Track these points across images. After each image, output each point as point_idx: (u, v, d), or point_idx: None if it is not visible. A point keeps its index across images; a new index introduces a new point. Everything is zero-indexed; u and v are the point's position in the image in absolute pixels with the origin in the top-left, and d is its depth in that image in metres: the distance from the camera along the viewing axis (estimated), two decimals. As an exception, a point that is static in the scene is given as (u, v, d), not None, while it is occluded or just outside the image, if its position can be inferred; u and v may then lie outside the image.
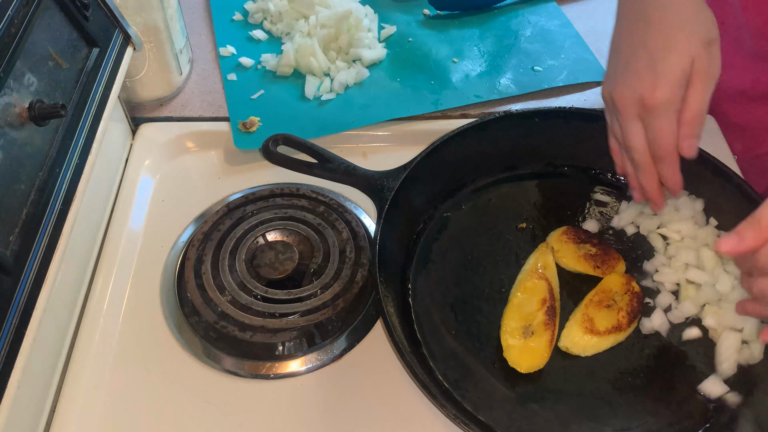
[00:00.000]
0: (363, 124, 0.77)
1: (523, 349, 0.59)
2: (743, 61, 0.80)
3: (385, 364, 0.60)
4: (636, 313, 0.61)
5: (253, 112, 0.78)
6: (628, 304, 0.61)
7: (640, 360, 0.60)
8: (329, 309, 0.62)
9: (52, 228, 0.51)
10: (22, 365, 0.46)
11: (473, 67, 0.86)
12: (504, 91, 0.82)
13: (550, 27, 0.92)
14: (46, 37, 0.54)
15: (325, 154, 0.68)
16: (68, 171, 0.54)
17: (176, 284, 0.65)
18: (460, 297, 0.64)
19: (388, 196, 0.64)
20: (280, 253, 0.66)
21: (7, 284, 0.46)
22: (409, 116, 0.79)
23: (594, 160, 0.74)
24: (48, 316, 0.51)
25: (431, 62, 0.86)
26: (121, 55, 0.65)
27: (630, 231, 0.69)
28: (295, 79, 0.83)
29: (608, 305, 0.61)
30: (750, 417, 0.56)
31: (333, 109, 0.80)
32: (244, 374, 0.59)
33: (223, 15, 0.93)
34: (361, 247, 0.66)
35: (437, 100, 0.81)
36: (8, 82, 0.48)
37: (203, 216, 0.71)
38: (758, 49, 0.77)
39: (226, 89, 0.82)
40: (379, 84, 0.83)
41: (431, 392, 0.52)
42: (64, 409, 0.56)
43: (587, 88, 0.84)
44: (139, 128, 0.78)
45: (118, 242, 0.68)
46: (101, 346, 0.61)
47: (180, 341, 0.61)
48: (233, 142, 0.75)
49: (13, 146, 0.48)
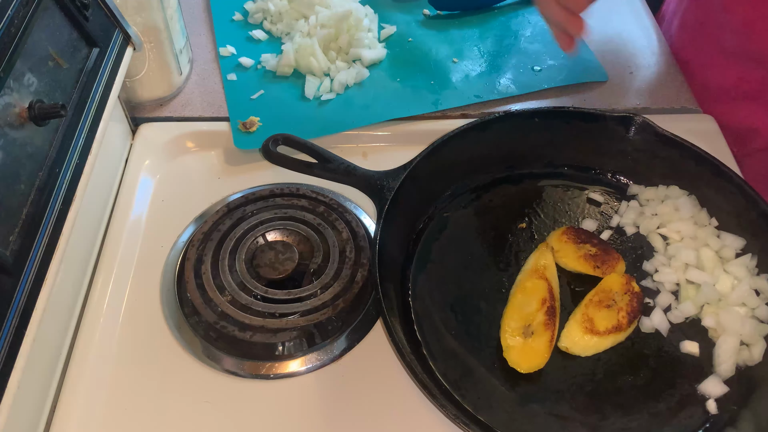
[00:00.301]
0: (363, 124, 0.77)
1: (523, 349, 0.59)
2: (725, 61, 0.80)
3: (385, 364, 0.60)
4: (636, 313, 0.61)
5: (253, 112, 0.78)
6: (628, 304, 0.61)
7: (640, 360, 0.60)
8: (329, 309, 0.62)
9: (52, 228, 0.51)
10: (22, 365, 0.46)
11: (473, 67, 0.86)
12: (504, 91, 0.82)
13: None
14: (46, 37, 0.54)
15: (325, 154, 0.68)
16: (68, 171, 0.54)
17: (176, 284, 0.65)
18: (460, 297, 0.64)
19: (388, 196, 0.64)
20: (280, 253, 0.65)
21: (7, 284, 0.46)
22: (409, 116, 0.79)
23: (594, 160, 0.74)
24: (48, 316, 0.50)
25: (431, 62, 0.86)
26: (121, 55, 0.65)
27: (630, 231, 0.69)
28: (295, 79, 0.83)
29: (608, 305, 0.61)
30: (750, 417, 0.56)
31: (333, 109, 0.80)
32: (244, 374, 0.59)
33: (223, 15, 0.93)
34: (361, 247, 0.66)
35: (437, 100, 0.81)
36: (8, 82, 0.48)
37: (203, 216, 0.71)
38: (740, 49, 0.77)
39: (226, 89, 0.82)
40: (379, 84, 0.83)
41: (431, 392, 0.52)
42: (64, 409, 0.56)
43: (587, 89, 0.84)
44: (139, 128, 0.78)
45: (118, 242, 0.68)
46: (101, 346, 0.61)
47: (180, 341, 0.61)
48: (233, 142, 0.75)
49: (13, 146, 0.48)
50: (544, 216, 0.71)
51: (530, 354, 0.58)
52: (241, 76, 0.84)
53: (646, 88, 0.85)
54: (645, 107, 0.82)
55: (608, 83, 0.85)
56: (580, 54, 0.88)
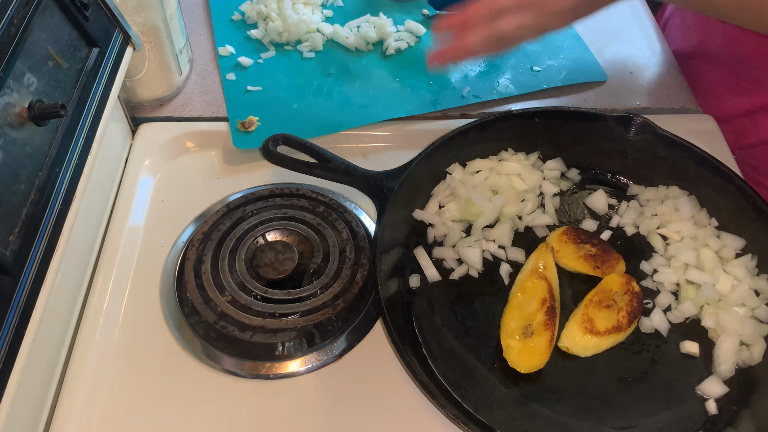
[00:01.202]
0: (362, 124, 0.77)
1: (523, 349, 0.59)
2: (725, 59, 0.80)
3: (385, 364, 0.60)
4: (636, 314, 0.61)
5: (252, 111, 0.78)
6: (627, 304, 0.61)
7: (640, 360, 0.60)
8: (329, 309, 0.62)
9: (51, 228, 0.51)
10: (21, 365, 0.46)
11: (472, 67, 0.86)
12: (503, 91, 0.82)
13: None
14: (45, 37, 0.54)
15: (325, 154, 0.68)
16: (68, 171, 0.54)
17: (176, 284, 0.65)
18: (460, 297, 0.64)
19: (388, 196, 0.64)
20: (280, 253, 0.65)
21: (7, 284, 0.46)
22: (409, 116, 0.79)
23: (594, 160, 0.74)
24: (48, 316, 0.51)
25: None
26: (121, 55, 0.65)
27: (630, 231, 0.69)
28: (294, 78, 0.83)
29: (608, 305, 0.61)
30: (750, 417, 0.56)
31: (332, 108, 0.80)
32: (244, 374, 0.59)
33: (222, 15, 0.93)
34: (361, 247, 0.66)
35: (436, 100, 0.81)
36: (8, 81, 0.48)
37: (203, 216, 0.71)
38: (741, 75, 0.78)
39: (225, 89, 0.82)
40: (378, 84, 0.83)
41: (431, 392, 0.52)
42: (64, 409, 0.56)
43: (587, 88, 0.84)
44: (139, 128, 0.78)
45: (118, 242, 0.68)
46: (101, 346, 0.61)
47: (180, 341, 0.61)
48: (232, 142, 0.75)
49: (13, 146, 0.48)
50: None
51: (530, 354, 0.58)
52: (240, 76, 0.84)
53: (646, 88, 0.85)
54: (645, 107, 0.82)
55: (608, 83, 0.85)
56: (579, 54, 0.88)
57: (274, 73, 0.84)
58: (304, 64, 0.86)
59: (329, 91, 0.82)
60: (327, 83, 0.83)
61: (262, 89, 0.82)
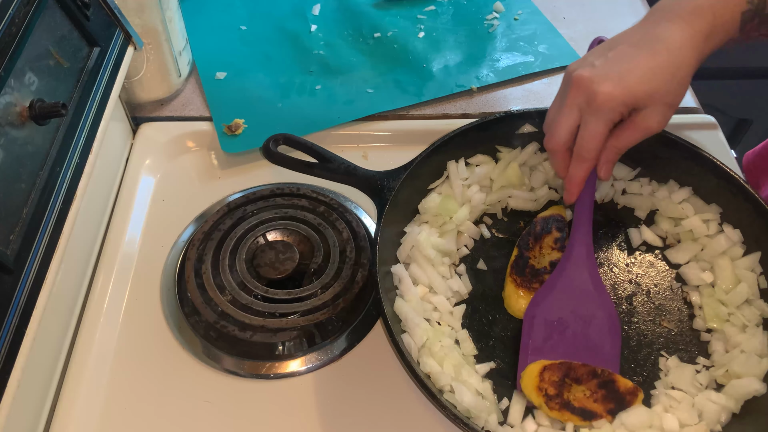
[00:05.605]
0: (348, 120, 0.78)
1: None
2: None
3: (385, 364, 0.60)
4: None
5: (237, 114, 0.78)
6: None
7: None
8: (329, 309, 0.62)
9: (52, 227, 0.51)
10: (22, 365, 0.46)
11: (452, 57, 0.87)
12: (484, 79, 0.85)
13: (522, 15, 0.95)
14: (46, 37, 0.54)
15: (326, 154, 0.68)
16: (69, 170, 0.54)
17: (176, 284, 0.65)
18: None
19: (388, 196, 0.64)
20: (281, 252, 0.66)
21: (7, 283, 0.46)
22: (409, 116, 0.79)
23: (594, 160, 0.74)
24: (48, 316, 0.51)
25: (410, 55, 0.88)
26: (122, 54, 0.65)
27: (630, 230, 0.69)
28: (275, 77, 0.84)
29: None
30: (749, 418, 0.56)
31: (317, 106, 0.81)
32: (244, 374, 0.59)
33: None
34: (361, 247, 0.66)
35: (420, 92, 0.82)
36: (9, 81, 0.48)
37: (203, 216, 0.71)
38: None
39: (207, 95, 0.81)
40: (362, 79, 0.84)
41: (431, 392, 0.52)
42: (64, 409, 0.56)
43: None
44: (139, 128, 0.78)
45: (119, 242, 0.68)
46: (101, 346, 0.61)
47: (180, 341, 0.61)
48: (220, 147, 0.75)
49: (14, 145, 0.48)
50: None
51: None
52: (221, 81, 0.83)
53: (646, 89, 0.85)
54: (645, 108, 0.82)
55: (608, 84, 0.84)
56: (552, 40, 0.91)
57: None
58: (282, 62, 0.86)
59: (312, 88, 0.83)
60: (309, 81, 0.84)
61: (226, 73, 0.83)
